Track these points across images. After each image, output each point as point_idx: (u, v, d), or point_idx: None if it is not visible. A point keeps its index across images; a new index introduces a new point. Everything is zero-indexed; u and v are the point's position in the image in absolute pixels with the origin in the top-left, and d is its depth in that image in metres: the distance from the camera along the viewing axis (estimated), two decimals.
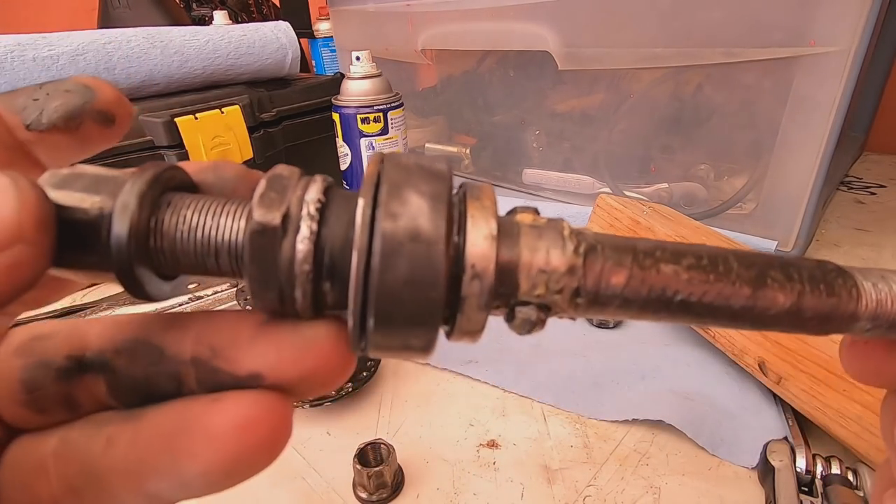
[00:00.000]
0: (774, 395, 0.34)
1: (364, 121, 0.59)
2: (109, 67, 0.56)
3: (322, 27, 1.13)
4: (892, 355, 0.13)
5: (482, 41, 0.68)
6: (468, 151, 0.78)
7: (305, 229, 0.10)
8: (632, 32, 0.53)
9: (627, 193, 0.61)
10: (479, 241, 0.10)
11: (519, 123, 0.71)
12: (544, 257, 0.10)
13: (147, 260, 0.10)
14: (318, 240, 0.10)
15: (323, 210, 0.10)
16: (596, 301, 0.11)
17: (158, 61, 0.59)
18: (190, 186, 0.12)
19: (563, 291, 0.11)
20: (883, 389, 0.14)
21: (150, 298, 0.11)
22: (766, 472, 0.29)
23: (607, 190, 0.62)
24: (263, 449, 0.10)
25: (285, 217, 0.10)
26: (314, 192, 0.10)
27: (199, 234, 0.10)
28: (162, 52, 0.59)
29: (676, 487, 0.30)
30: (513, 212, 0.12)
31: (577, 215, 0.59)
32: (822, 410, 0.29)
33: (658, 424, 0.34)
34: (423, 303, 0.10)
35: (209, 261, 0.10)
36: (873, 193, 0.68)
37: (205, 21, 1.13)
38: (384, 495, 0.30)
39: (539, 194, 0.68)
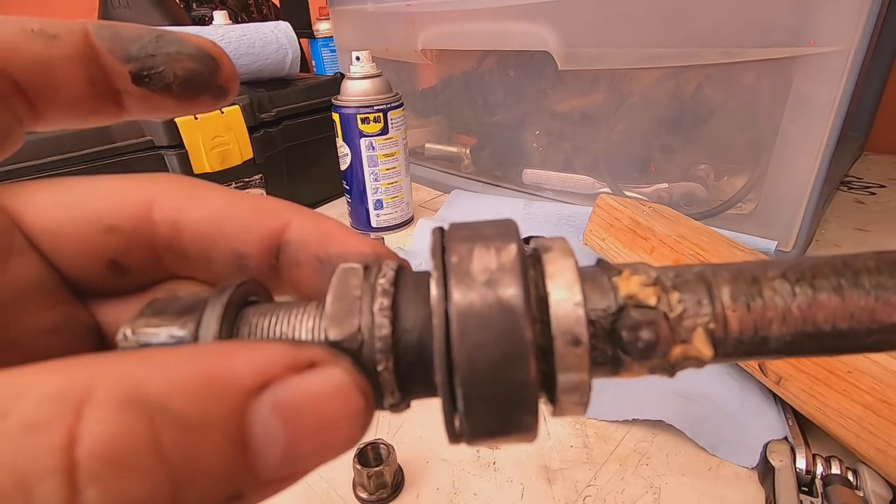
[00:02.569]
0: (774, 395, 0.34)
1: (364, 121, 0.59)
2: None
3: (322, 27, 1.13)
4: None
5: (482, 41, 0.68)
6: (468, 151, 0.78)
7: (381, 343, 0.09)
8: (632, 32, 0.53)
9: (627, 193, 0.61)
10: (564, 303, 0.09)
11: (519, 123, 0.71)
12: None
13: None
14: (394, 343, 0.09)
15: (395, 308, 0.10)
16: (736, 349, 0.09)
17: None
18: (265, 295, 0.12)
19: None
20: (884, 390, 0.14)
21: None
22: (766, 472, 0.29)
23: (607, 190, 0.62)
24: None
25: (359, 332, 0.09)
26: (383, 299, 0.10)
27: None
28: None
29: (676, 487, 0.30)
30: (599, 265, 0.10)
31: (577, 215, 0.59)
32: (822, 410, 0.29)
33: (658, 424, 0.34)
34: (512, 380, 0.09)
35: None
36: (873, 193, 0.68)
37: (205, 21, 1.13)
38: (384, 495, 0.30)
39: (539, 194, 0.68)
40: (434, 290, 0.09)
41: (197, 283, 0.13)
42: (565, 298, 0.09)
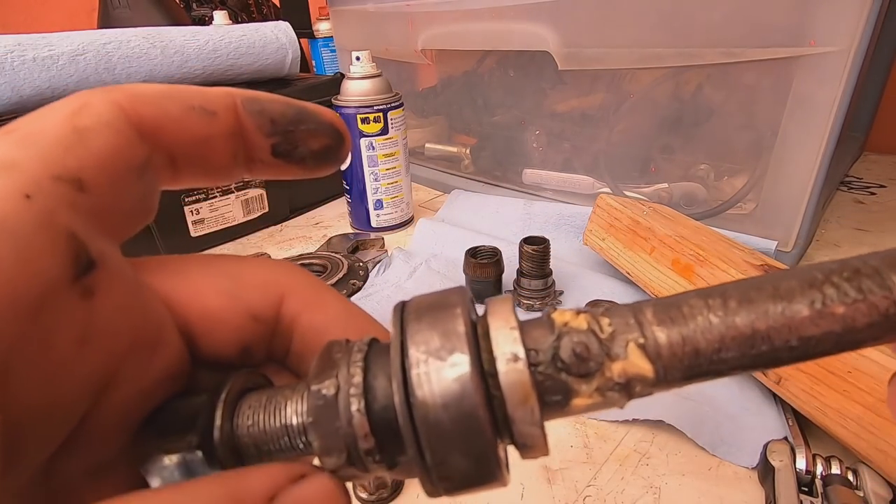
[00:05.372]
0: (774, 395, 0.34)
1: (364, 121, 0.59)
2: (109, 67, 0.56)
3: (322, 27, 1.13)
4: None
5: (482, 41, 0.68)
6: (468, 151, 0.78)
7: (354, 402, 0.10)
8: (632, 32, 0.53)
9: (627, 193, 0.61)
10: (507, 367, 0.10)
11: (519, 123, 0.71)
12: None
13: (240, 460, 0.11)
14: (368, 408, 0.11)
15: (367, 376, 0.11)
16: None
17: (158, 61, 0.59)
18: (263, 382, 0.13)
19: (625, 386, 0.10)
20: (884, 390, 0.14)
21: None
22: (766, 472, 0.29)
23: (607, 190, 0.62)
24: None
25: (337, 389, 0.11)
26: (356, 369, 0.11)
27: (269, 427, 0.11)
28: (162, 52, 0.59)
29: (676, 487, 0.30)
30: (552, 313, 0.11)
31: (577, 215, 0.59)
32: (822, 410, 0.29)
33: (658, 424, 0.34)
34: (473, 447, 0.10)
35: (284, 443, 0.11)
36: (873, 193, 0.68)
37: (205, 21, 1.13)
38: (384, 495, 0.30)
39: (539, 194, 0.68)
40: (394, 382, 0.10)
41: (282, 368, 0.14)
42: (509, 354, 0.10)
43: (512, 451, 0.11)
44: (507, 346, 0.10)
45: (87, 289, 0.10)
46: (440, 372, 0.10)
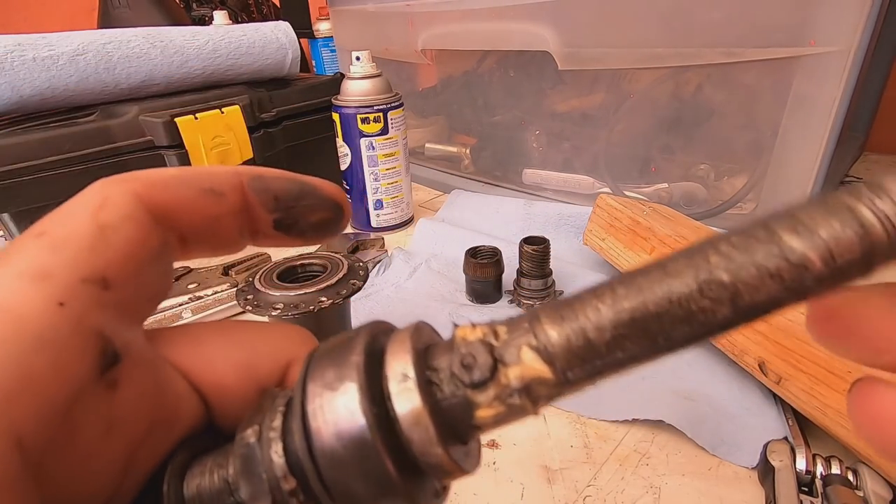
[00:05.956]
0: (774, 395, 0.34)
1: (364, 121, 0.59)
2: (109, 67, 0.56)
3: (322, 27, 1.13)
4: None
5: (482, 41, 0.68)
6: (468, 151, 0.78)
7: (272, 445, 0.11)
8: (632, 32, 0.53)
9: (627, 193, 0.61)
10: (398, 388, 0.10)
11: (519, 123, 0.71)
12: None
13: None
14: (286, 450, 0.11)
15: (286, 419, 0.11)
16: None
17: (158, 61, 0.59)
18: (213, 445, 0.13)
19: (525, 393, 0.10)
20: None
21: None
22: (766, 472, 0.29)
23: (607, 190, 0.62)
24: None
25: (259, 436, 0.11)
26: (276, 413, 0.11)
27: (214, 486, 0.11)
28: (162, 52, 0.59)
29: (676, 487, 0.30)
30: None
31: (577, 215, 0.59)
32: (822, 410, 0.29)
33: (658, 424, 0.34)
34: (372, 472, 0.10)
35: (227, 499, 0.11)
36: None
37: (205, 21, 1.13)
38: None
39: (539, 194, 0.68)
40: (294, 420, 0.10)
41: None
42: (399, 375, 0.10)
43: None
44: (398, 367, 0.10)
45: (112, 381, 0.10)
46: (332, 402, 0.10)
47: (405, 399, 0.10)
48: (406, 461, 0.10)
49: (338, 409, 0.10)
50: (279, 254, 0.61)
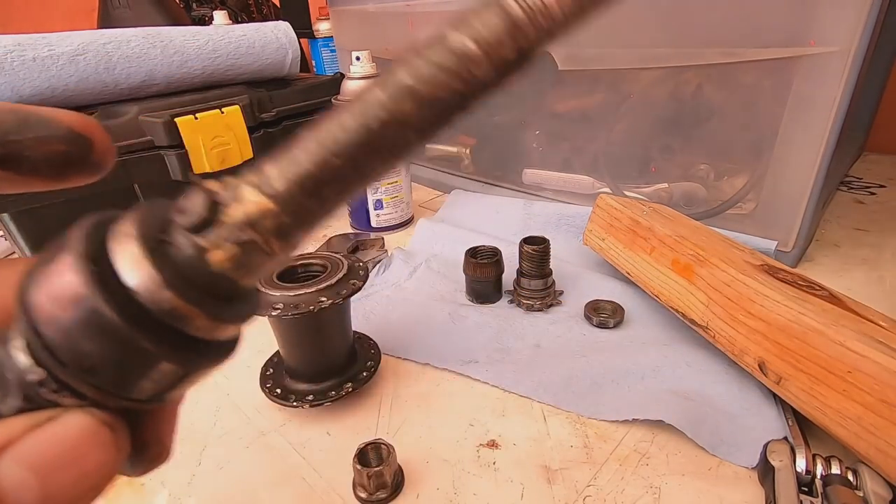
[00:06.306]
0: (774, 395, 0.34)
1: None
2: (109, 67, 0.56)
3: (322, 27, 1.13)
4: None
5: None
6: (468, 151, 0.78)
7: (13, 345, 0.10)
8: (632, 32, 0.53)
9: (627, 193, 0.61)
10: (117, 243, 0.10)
11: (519, 123, 0.71)
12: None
13: None
14: (28, 348, 0.10)
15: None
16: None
17: (158, 61, 0.59)
18: None
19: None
20: (884, 390, 0.14)
21: None
22: (766, 472, 0.29)
23: (607, 190, 0.62)
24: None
25: (5, 343, 0.10)
26: (20, 322, 0.11)
27: None
28: (162, 52, 0.59)
29: (676, 487, 0.30)
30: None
31: (577, 215, 0.59)
32: (822, 410, 0.29)
33: (658, 424, 0.34)
34: (94, 323, 0.10)
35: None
36: (873, 193, 0.68)
37: (205, 21, 1.13)
38: (384, 495, 0.30)
39: (539, 194, 0.68)
40: (22, 322, 0.10)
41: None
42: (119, 233, 0.10)
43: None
44: (122, 229, 0.10)
45: None
46: (47, 273, 0.10)
47: (125, 251, 0.10)
48: (142, 315, 0.10)
49: (51, 277, 0.10)
50: None
